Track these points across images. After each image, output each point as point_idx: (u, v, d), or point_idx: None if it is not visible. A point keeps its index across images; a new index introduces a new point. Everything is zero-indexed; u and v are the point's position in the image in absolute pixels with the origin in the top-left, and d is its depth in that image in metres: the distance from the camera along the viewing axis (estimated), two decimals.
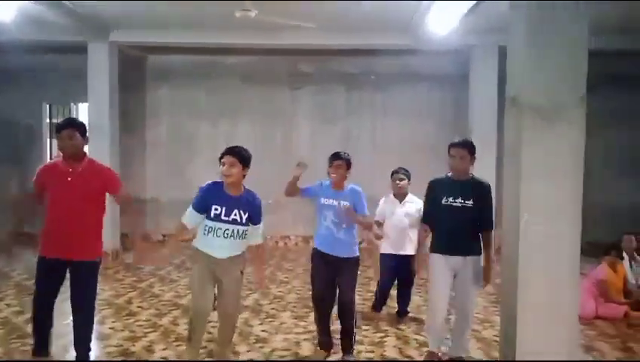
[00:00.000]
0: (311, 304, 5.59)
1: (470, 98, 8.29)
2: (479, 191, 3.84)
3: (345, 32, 7.83)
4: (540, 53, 2.95)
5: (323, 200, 4.02)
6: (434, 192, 3.96)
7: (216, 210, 3.51)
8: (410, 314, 5.30)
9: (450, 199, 3.84)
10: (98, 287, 3.83)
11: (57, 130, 3.64)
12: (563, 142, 2.92)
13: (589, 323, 5.19)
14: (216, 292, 3.72)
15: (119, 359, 4.05)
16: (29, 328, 4.76)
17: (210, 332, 4.20)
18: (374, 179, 6.80)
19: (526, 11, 2.98)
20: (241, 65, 9.61)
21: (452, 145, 3.92)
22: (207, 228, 3.55)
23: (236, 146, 3.63)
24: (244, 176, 3.59)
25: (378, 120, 9.68)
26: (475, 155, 3.87)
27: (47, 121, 9.81)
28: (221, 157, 3.57)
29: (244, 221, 3.56)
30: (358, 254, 4.07)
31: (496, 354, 4.16)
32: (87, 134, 3.76)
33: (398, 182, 5.12)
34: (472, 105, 8.20)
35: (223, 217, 3.51)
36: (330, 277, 4.01)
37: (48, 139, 9.83)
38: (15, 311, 5.31)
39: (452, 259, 3.88)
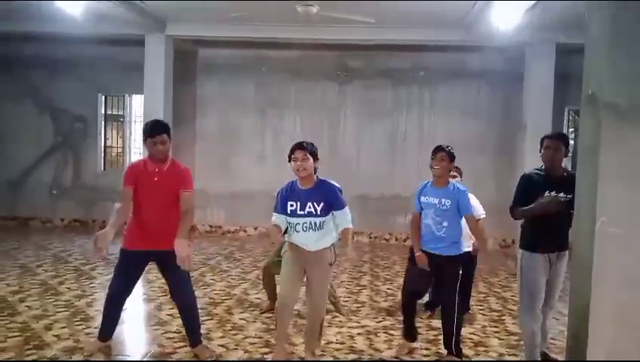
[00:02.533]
0: (361, 300, 5.71)
1: (525, 95, 8.14)
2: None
3: (396, 27, 7.80)
4: (621, 51, 2.85)
5: (424, 198, 3.97)
6: (529, 184, 3.84)
7: (291, 206, 3.61)
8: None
9: (553, 193, 3.70)
10: (152, 275, 3.93)
11: (151, 134, 3.77)
12: None
13: None
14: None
15: (180, 344, 4.16)
16: (92, 311, 4.99)
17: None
18: (421, 177, 6.77)
19: (607, 9, 2.89)
20: (289, 60, 9.67)
21: (547, 137, 3.86)
22: (289, 225, 3.65)
23: (302, 141, 3.71)
24: (315, 168, 3.67)
25: (425, 116, 9.58)
26: (568, 147, 3.84)
27: (102, 111, 10.10)
28: (291, 154, 3.64)
29: (319, 212, 3.58)
30: (460, 252, 3.96)
31: None
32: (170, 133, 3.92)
33: (451, 179, 5.06)
34: (527, 103, 8.04)
35: (298, 212, 3.59)
36: (427, 275, 3.93)
37: (103, 129, 10.13)
38: (77, 295, 5.51)
39: (551, 257, 3.80)
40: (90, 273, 6.51)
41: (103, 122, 10.12)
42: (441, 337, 4.54)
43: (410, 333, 4.19)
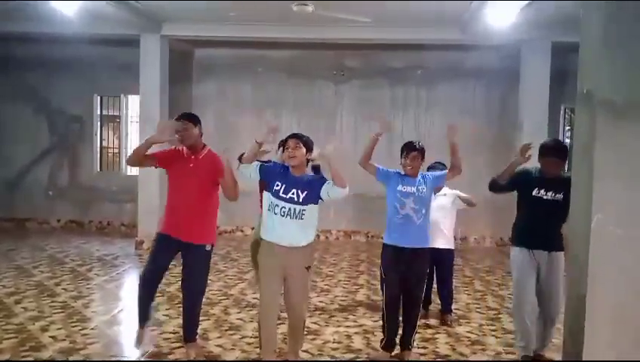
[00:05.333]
0: (358, 299, 5.71)
1: (521, 94, 8.14)
2: (569, 185, 3.71)
3: (393, 26, 7.78)
4: (616, 49, 2.84)
5: (401, 188, 3.99)
6: (523, 176, 3.92)
7: (277, 186, 3.55)
8: (459, 312, 5.27)
9: (542, 192, 3.83)
10: None
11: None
12: (638, 140, 2.82)
13: None
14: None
15: (177, 345, 4.15)
16: (88, 312, 4.99)
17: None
18: None
19: (603, 8, 2.89)
20: (286, 59, 9.66)
21: (548, 151, 3.83)
22: (269, 205, 3.58)
23: (298, 133, 3.74)
24: (307, 160, 3.68)
25: (422, 115, 9.58)
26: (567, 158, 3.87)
27: (98, 112, 10.07)
28: (284, 143, 3.66)
29: (300, 200, 3.53)
30: (429, 246, 4.05)
31: None
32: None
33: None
34: (523, 102, 8.05)
35: (281, 194, 3.54)
36: (403, 273, 3.94)
37: (99, 130, 10.10)
38: (73, 296, 5.49)
39: (537, 254, 3.85)
40: (87, 274, 6.50)
41: (99, 123, 10.09)
42: (438, 336, 4.58)
43: (391, 344, 4.11)
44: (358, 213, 9.36)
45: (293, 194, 3.53)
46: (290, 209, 3.53)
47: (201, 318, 4.78)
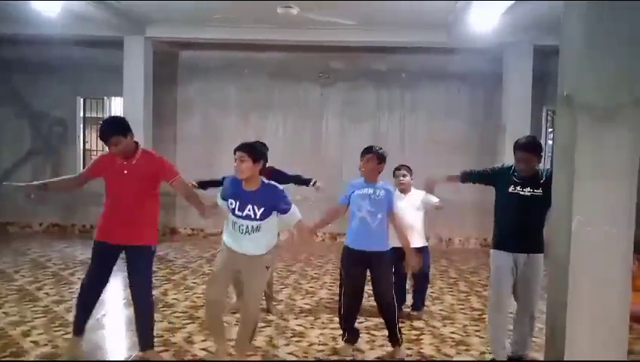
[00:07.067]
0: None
1: (504, 96, 8.25)
2: (548, 178, 3.56)
3: (378, 29, 7.84)
4: (596, 52, 2.89)
5: (357, 192, 4.00)
6: (499, 172, 3.92)
7: (231, 204, 3.53)
8: (443, 313, 5.30)
9: (518, 188, 3.72)
10: None
11: (103, 140, 3.71)
12: (618, 142, 2.85)
13: None
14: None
15: (161, 349, 4.12)
16: (71, 317, 4.87)
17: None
18: None
19: (584, 9, 2.93)
20: (271, 62, 9.66)
21: (518, 148, 3.72)
22: (227, 220, 3.60)
23: (248, 142, 3.63)
24: (260, 170, 3.55)
25: (407, 118, 9.64)
26: (542, 154, 3.80)
27: (82, 114, 9.96)
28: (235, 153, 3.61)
29: (258, 216, 3.49)
30: (390, 247, 4.06)
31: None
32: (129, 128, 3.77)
33: (401, 178, 5.16)
34: (506, 104, 8.15)
35: (237, 212, 3.51)
36: (363, 274, 4.01)
37: (82, 132, 9.99)
38: (55, 300, 5.42)
39: (515, 256, 3.77)
40: (69, 278, 6.42)
41: (82, 125, 9.99)
42: (423, 337, 4.61)
43: (354, 337, 4.20)
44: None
45: (249, 210, 3.48)
46: (248, 226, 3.51)
47: (186, 321, 4.80)
